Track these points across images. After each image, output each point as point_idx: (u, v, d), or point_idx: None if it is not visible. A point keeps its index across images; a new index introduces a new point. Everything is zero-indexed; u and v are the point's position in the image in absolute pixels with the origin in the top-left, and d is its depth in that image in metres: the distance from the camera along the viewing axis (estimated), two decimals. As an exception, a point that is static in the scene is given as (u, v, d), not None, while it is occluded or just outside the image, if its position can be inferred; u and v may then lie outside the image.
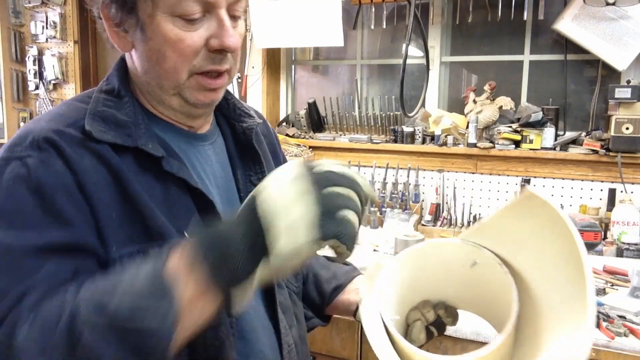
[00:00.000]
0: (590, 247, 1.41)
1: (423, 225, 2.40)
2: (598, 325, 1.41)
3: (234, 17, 0.75)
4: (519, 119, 2.31)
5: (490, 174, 2.36)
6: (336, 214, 0.57)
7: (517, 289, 0.68)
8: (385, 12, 2.60)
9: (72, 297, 0.59)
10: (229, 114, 0.91)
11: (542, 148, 2.24)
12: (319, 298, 1.04)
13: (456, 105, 2.59)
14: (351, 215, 0.58)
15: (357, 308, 0.98)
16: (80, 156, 0.69)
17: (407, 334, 0.85)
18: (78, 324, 0.55)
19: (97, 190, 0.69)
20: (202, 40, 0.72)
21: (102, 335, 0.55)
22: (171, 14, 0.70)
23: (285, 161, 1.02)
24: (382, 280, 0.76)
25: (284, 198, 0.56)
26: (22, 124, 3.15)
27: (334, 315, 1.09)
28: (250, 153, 0.89)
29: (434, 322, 0.85)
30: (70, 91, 3.08)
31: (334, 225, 0.57)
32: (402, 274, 0.79)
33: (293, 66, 2.98)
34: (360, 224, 0.61)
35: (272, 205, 0.56)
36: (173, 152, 0.78)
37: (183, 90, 0.76)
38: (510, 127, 2.30)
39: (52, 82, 3.07)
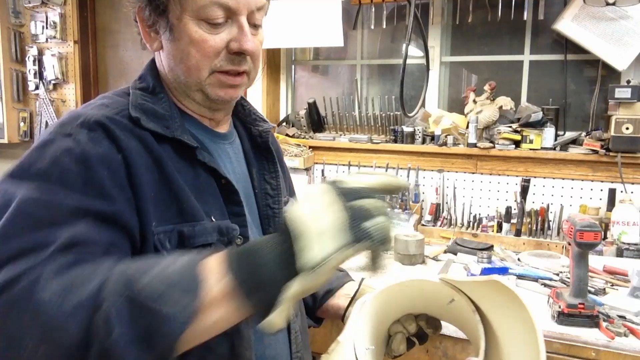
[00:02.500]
0: (590, 247, 1.41)
1: (423, 225, 2.40)
2: (598, 325, 1.41)
3: (254, 26, 0.84)
4: (519, 119, 2.31)
5: (490, 174, 2.36)
6: (366, 221, 0.58)
7: (485, 335, 0.75)
8: (385, 12, 2.60)
9: (107, 268, 0.60)
10: (245, 118, 1.01)
11: (542, 148, 2.24)
12: (311, 300, 1.10)
13: (456, 105, 2.59)
14: (380, 220, 0.58)
15: (344, 313, 1.02)
16: (127, 138, 0.75)
17: (388, 345, 0.89)
18: (104, 291, 0.56)
19: (140, 169, 0.74)
20: (223, 42, 0.81)
21: (121, 307, 0.55)
22: (197, 17, 0.79)
23: (285, 169, 1.11)
24: (359, 314, 0.80)
25: (313, 208, 0.58)
26: (22, 124, 3.15)
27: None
28: (265, 154, 0.99)
29: (415, 333, 0.90)
30: (70, 91, 3.08)
31: (363, 230, 0.57)
32: (382, 303, 0.83)
33: (293, 66, 2.98)
34: (391, 230, 0.60)
35: (301, 216, 0.57)
36: (202, 144, 0.85)
37: (205, 87, 0.83)
38: (510, 127, 2.30)
39: (52, 82, 3.07)
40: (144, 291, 0.56)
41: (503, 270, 1.81)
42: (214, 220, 0.81)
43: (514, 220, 2.26)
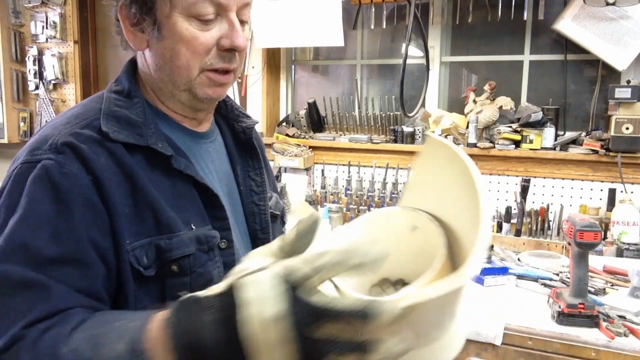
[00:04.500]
0: (590, 247, 1.41)
1: (423, 225, 2.40)
2: (598, 325, 1.41)
3: (241, 22, 0.81)
4: (519, 119, 2.31)
5: (490, 174, 2.36)
6: None
7: (446, 235, 0.70)
8: (385, 12, 2.60)
9: (64, 339, 0.61)
10: (228, 114, 0.98)
11: (542, 148, 2.24)
12: None
13: (456, 105, 2.59)
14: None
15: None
16: (97, 155, 0.74)
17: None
18: None
19: (112, 188, 0.73)
20: (214, 39, 0.78)
21: None
22: (187, 14, 0.76)
23: (267, 164, 1.07)
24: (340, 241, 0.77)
25: (267, 337, 0.47)
26: (22, 124, 3.15)
27: None
28: (249, 150, 0.97)
29: None
30: (70, 91, 3.08)
31: None
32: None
33: (293, 66, 2.97)
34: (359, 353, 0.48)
35: (255, 342, 0.47)
36: (179, 149, 0.83)
37: (194, 86, 0.81)
38: (510, 127, 2.30)
39: (52, 82, 3.07)
40: None
41: (503, 271, 1.81)
42: (194, 227, 0.79)
43: (514, 220, 2.26)
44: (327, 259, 0.49)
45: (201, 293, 0.53)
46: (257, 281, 0.49)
